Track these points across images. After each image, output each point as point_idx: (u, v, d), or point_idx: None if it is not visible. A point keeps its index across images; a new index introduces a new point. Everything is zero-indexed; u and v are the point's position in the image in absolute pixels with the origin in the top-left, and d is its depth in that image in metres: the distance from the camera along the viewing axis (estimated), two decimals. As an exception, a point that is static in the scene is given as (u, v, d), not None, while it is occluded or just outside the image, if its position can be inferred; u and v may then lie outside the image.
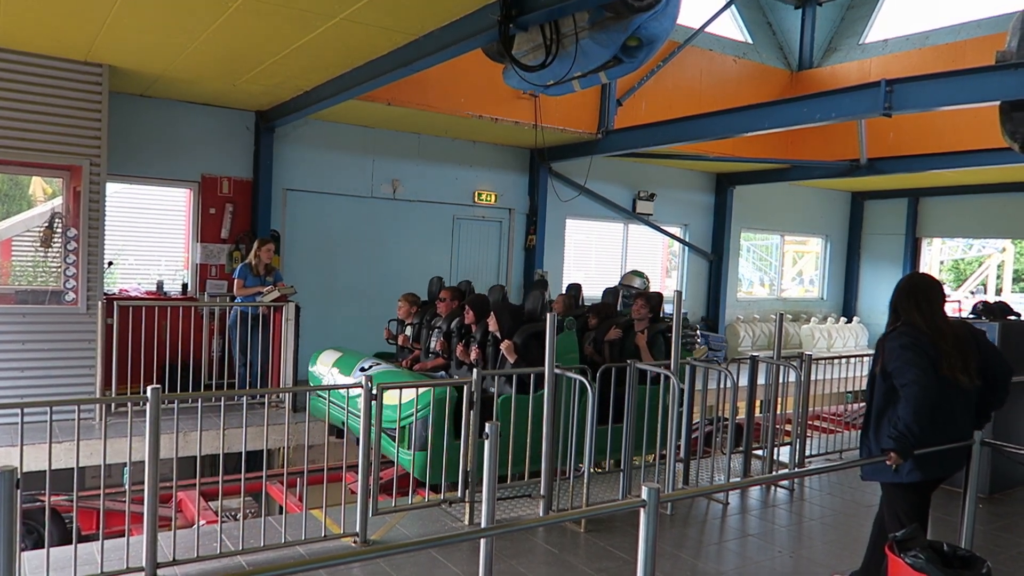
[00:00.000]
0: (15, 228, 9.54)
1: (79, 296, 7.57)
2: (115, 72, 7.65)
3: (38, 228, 8.28)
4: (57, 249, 7.85)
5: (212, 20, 6.02)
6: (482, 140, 11.49)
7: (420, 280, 11.16)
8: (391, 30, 6.06)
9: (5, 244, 9.56)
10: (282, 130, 9.80)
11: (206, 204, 9.55)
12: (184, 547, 4.47)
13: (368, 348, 8.24)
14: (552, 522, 5.30)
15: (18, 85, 7.18)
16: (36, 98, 7.26)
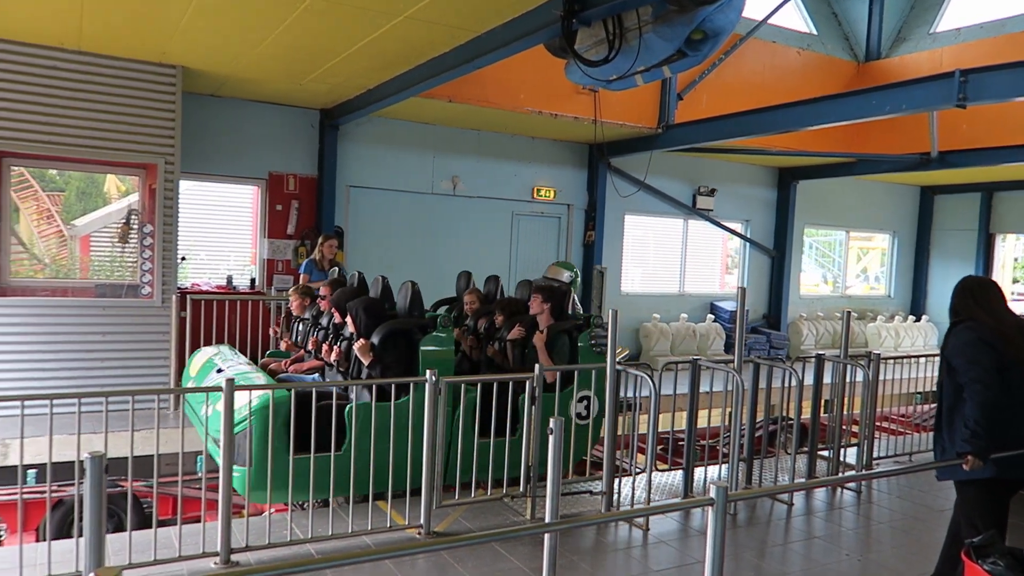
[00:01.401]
0: (94, 224, 9.96)
1: (154, 290, 7.87)
2: (187, 73, 7.91)
3: (115, 224, 8.63)
4: (134, 245, 8.17)
5: (280, 21, 6.17)
6: (541, 136, 11.50)
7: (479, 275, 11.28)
8: (453, 27, 6.12)
9: (84, 240, 9.98)
10: (345, 128, 9.99)
11: (273, 201, 9.81)
12: (256, 534, 4.62)
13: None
14: (615, 519, 5.29)
15: (98, 87, 7.49)
16: (114, 99, 7.56)
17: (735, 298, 13.44)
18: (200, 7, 5.85)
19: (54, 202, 10.11)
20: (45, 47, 7.23)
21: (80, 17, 6.29)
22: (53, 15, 6.30)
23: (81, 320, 7.62)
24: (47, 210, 10.02)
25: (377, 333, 5.52)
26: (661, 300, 13.10)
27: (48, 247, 9.57)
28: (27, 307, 7.49)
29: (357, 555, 2.73)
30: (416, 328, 5.68)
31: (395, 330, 5.58)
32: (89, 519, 2.82)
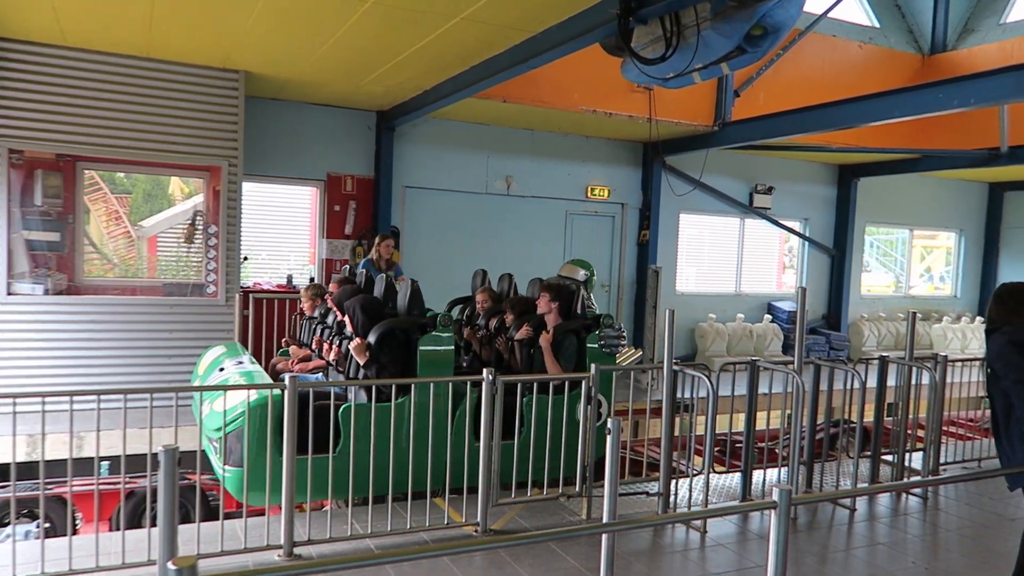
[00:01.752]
0: (160, 225, 10.29)
1: (219, 288, 8.10)
2: (250, 77, 8.12)
3: (181, 225, 8.91)
4: (199, 245, 8.43)
5: (339, 25, 6.29)
6: (595, 135, 11.46)
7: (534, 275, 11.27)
8: (509, 28, 6.15)
9: (152, 240, 10.32)
10: (401, 129, 10.12)
11: (331, 201, 10.00)
12: (318, 528, 4.72)
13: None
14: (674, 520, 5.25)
15: (165, 92, 7.75)
16: (181, 104, 7.81)
17: (793, 298, 13.31)
18: (264, 13, 6.00)
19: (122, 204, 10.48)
20: (116, 55, 7.51)
21: (149, 25, 6.51)
22: (124, 24, 6.54)
23: (150, 318, 7.90)
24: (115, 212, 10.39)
25: (374, 332, 5.43)
26: (717, 300, 12.93)
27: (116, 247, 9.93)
28: (99, 305, 7.79)
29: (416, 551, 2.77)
30: (416, 327, 5.55)
31: (392, 329, 5.47)
32: (162, 510, 2.93)
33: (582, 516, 5.33)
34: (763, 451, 6.51)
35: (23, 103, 7.27)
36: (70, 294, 7.83)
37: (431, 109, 8.78)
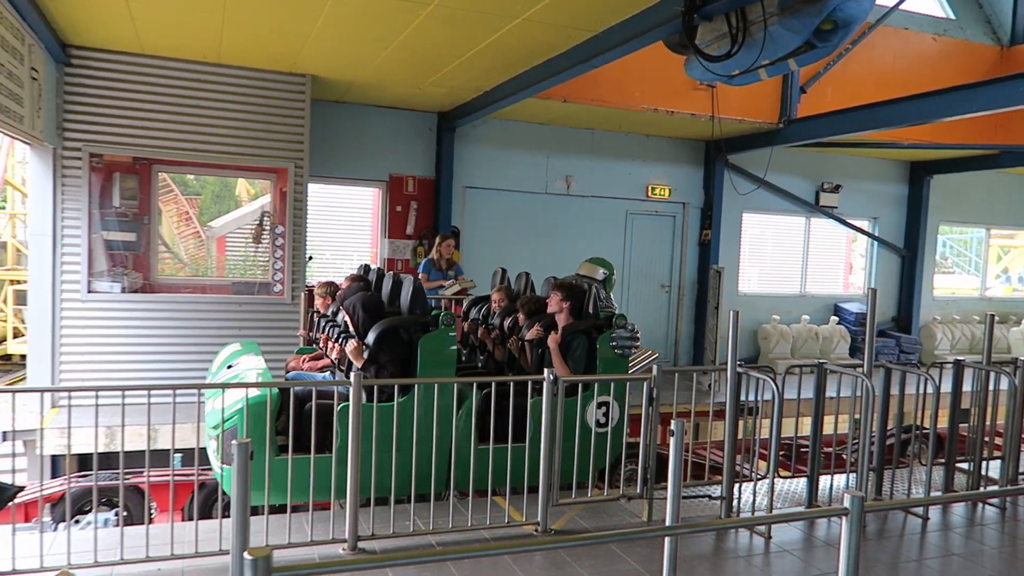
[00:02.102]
0: (229, 226, 10.60)
1: (285, 287, 8.31)
2: (316, 81, 8.31)
3: (249, 226, 9.17)
4: (266, 245, 8.66)
5: (403, 28, 6.38)
6: (656, 134, 11.35)
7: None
8: (570, 28, 6.14)
9: (220, 240, 10.64)
10: (462, 130, 10.20)
11: (393, 202, 10.15)
12: (381, 523, 4.80)
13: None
14: (739, 525, 5.16)
15: (235, 96, 7.99)
16: (249, 108, 8.04)
17: (861, 299, 12.92)
18: (330, 18, 6.13)
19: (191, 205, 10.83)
20: (189, 61, 7.77)
21: (221, 32, 6.72)
22: (197, 32, 6.76)
23: (220, 315, 8.16)
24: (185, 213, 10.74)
25: (373, 330, 5.33)
26: (781, 301, 12.65)
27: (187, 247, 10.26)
28: (172, 303, 8.08)
29: (479, 549, 2.79)
30: (418, 326, 5.42)
31: (391, 328, 5.35)
32: (235, 501, 3.01)
33: (643, 518, 5.28)
34: (829, 456, 6.35)
35: (103, 109, 7.59)
36: (145, 292, 8.14)
37: (492, 110, 8.83)
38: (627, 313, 11.60)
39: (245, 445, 3.06)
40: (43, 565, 4.01)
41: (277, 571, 2.03)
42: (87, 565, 4.08)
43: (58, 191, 7.51)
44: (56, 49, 6.95)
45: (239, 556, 2.78)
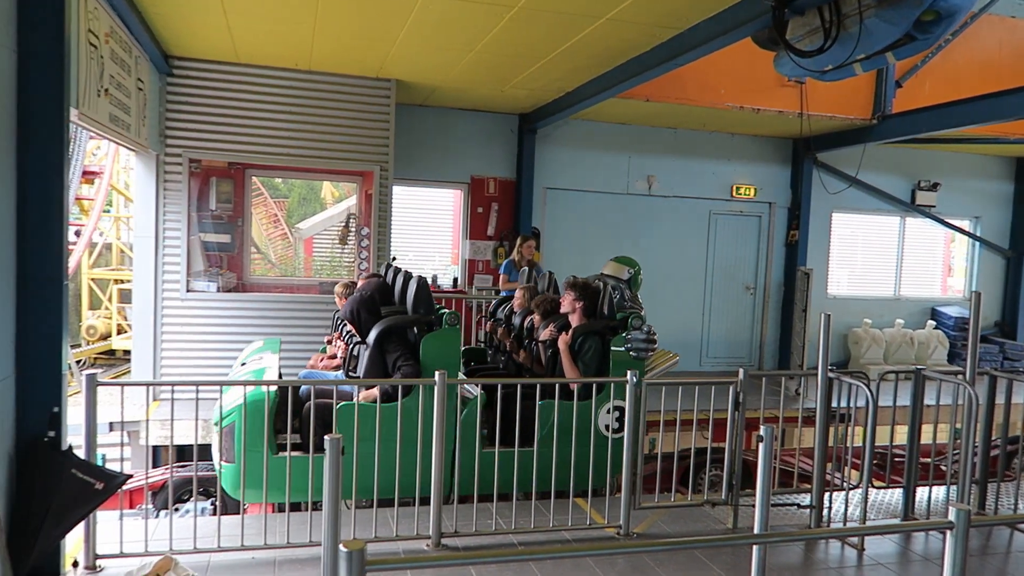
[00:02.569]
0: (316, 227, 10.91)
1: (369, 288, 8.49)
2: (400, 85, 8.47)
3: (335, 227, 9.42)
4: (351, 246, 8.89)
5: (486, 32, 6.43)
6: (741, 132, 11.09)
7: (675, 276, 11.10)
8: (655, 26, 6.06)
9: (308, 241, 10.96)
10: (543, 131, 10.22)
11: (474, 203, 10.26)
12: (464, 520, 4.86)
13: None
14: (830, 536, 4.99)
15: (324, 102, 8.22)
16: (338, 112, 8.26)
17: (960, 303, 12.29)
18: (416, 23, 6.24)
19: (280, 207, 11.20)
20: (281, 68, 8.05)
21: (311, 40, 6.94)
22: (290, 40, 7.00)
23: (308, 314, 8.41)
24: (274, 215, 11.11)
25: (374, 330, 5.25)
26: (873, 304, 12.15)
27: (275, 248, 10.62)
28: (264, 302, 8.38)
29: (561, 550, 2.79)
30: (423, 325, 5.35)
31: (392, 328, 5.25)
32: (327, 495, 3.10)
33: (727, 525, 5.17)
34: (926, 467, 6.07)
35: (201, 116, 7.94)
36: (238, 291, 8.47)
37: (573, 111, 8.81)
38: (709, 316, 11.46)
39: (336, 441, 3.14)
40: (147, 550, 4.23)
41: (371, 564, 2.08)
42: (187, 551, 4.28)
43: (160, 195, 7.91)
44: (160, 60, 7.31)
45: (332, 548, 2.86)
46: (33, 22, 3.62)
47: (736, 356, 11.58)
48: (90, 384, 4.03)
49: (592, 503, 5.17)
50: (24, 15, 3.60)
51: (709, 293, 11.43)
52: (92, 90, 5.07)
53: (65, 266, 3.85)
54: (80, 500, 3.75)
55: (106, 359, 13.94)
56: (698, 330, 11.44)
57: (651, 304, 11.06)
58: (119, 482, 3.84)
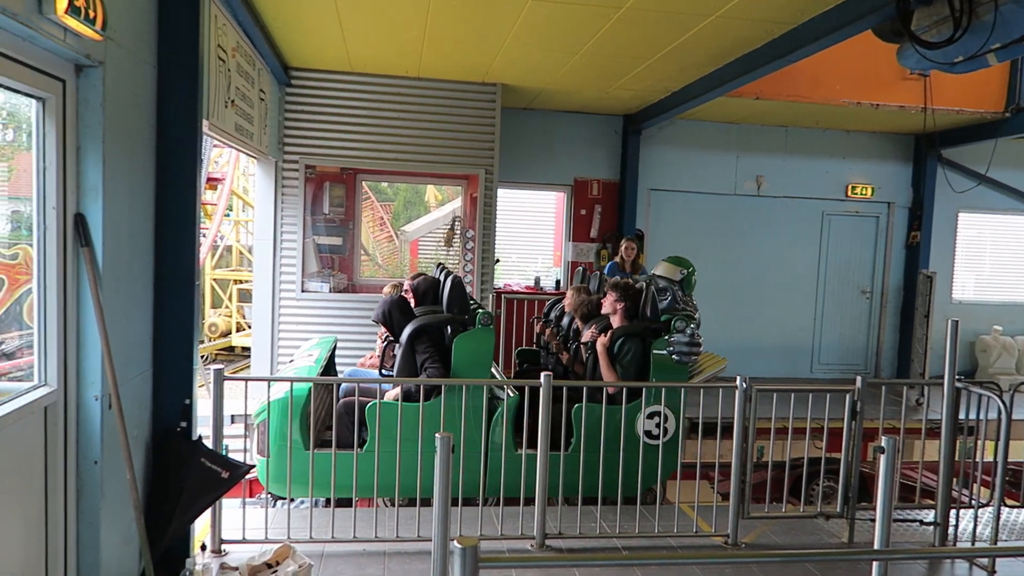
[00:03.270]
0: (421, 230, 11.18)
1: (474, 289, 8.64)
2: (506, 89, 8.57)
3: (440, 230, 9.63)
4: (456, 248, 9.05)
5: (593, 33, 6.42)
6: (858, 129, 10.61)
7: (785, 279, 10.74)
8: (768, 21, 5.88)
9: (413, 244, 11.24)
10: (648, 131, 10.10)
11: (577, 205, 10.25)
12: (568, 522, 4.86)
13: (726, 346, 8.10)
14: (958, 555, 4.70)
15: (432, 107, 8.42)
16: (445, 117, 8.44)
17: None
18: (522, 27, 6.30)
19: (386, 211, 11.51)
20: (391, 76, 8.30)
21: (421, 48, 7.12)
22: (400, 49, 7.21)
23: (414, 315, 8.62)
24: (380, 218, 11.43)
25: (407, 330, 5.27)
26: (1003, 310, 11.35)
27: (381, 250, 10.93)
28: (372, 303, 8.62)
29: (667, 556, 2.74)
30: (458, 324, 5.33)
31: (425, 327, 5.25)
32: (438, 492, 3.17)
33: (843, 539, 4.96)
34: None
35: (316, 123, 8.29)
36: (348, 292, 8.78)
37: (680, 111, 8.66)
38: (821, 320, 11.01)
39: (447, 439, 3.21)
40: (267, 537, 4.45)
41: (483, 560, 2.12)
42: (303, 540, 4.47)
43: (278, 200, 8.30)
44: (280, 72, 7.68)
45: (442, 543, 2.93)
46: (171, 39, 3.88)
47: (850, 363, 11.08)
48: (218, 378, 4.28)
49: (699, 511, 5.07)
50: (163, 33, 3.86)
51: (821, 297, 10.98)
52: (220, 102, 5.39)
53: (197, 268, 4.10)
54: (208, 488, 3.98)
55: (226, 355, 14.75)
56: (809, 335, 11.01)
57: (758, 308, 10.80)
58: (242, 472, 4.05)
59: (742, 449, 4.72)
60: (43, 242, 3.06)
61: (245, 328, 14.74)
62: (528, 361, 7.49)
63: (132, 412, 3.60)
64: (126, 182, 3.51)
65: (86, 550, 3.34)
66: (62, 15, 2.68)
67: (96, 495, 3.32)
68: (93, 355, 3.27)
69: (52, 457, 3.13)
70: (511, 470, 4.91)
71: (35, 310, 3.12)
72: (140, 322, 3.81)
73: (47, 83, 2.94)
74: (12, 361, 3.23)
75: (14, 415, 2.80)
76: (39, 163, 3.02)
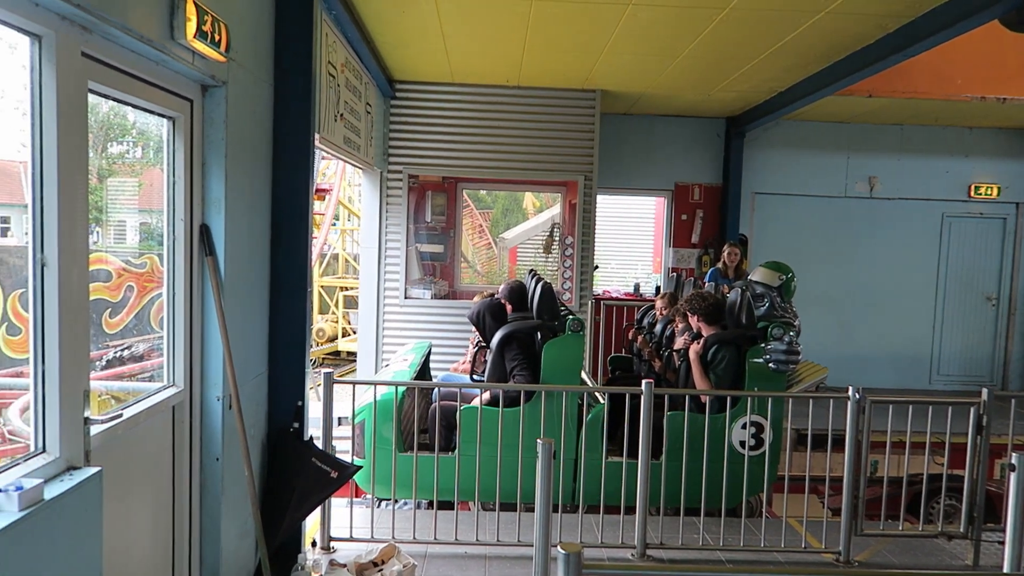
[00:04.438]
0: (520, 237, 11.26)
1: (573, 296, 8.64)
2: (605, 95, 8.55)
3: (538, 237, 9.68)
4: (555, 255, 9.08)
5: (695, 35, 6.31)
6: (981, 125, 9.98)
7: (901, 285, 10.21)
8: (883, 16, 5.63)
9: (512, 251, 11.33)
10: (752, 133, 9.83)
11: (678, 211, 10.08)
12: (669, 532, 4.78)
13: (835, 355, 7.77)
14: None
15: (532, 115, 8.49)
16: (544, 124, 8.50)
17: None
18: (623, 32, 6.27)
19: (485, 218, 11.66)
20: (491, 86, 8.42)
21: (521, 57, 7.20)
22: (501, 59, 7.31)
23: (513, 321, 8.70)
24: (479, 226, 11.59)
25: (496, 336, 5.33)
26: None
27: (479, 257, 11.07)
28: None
29: (775, 571, 2.65)
30: (546, 331, 5.33)
31: (513, 333, 5.30)
32: (540, 497, 3.19)
33: (966, 561, 4.66)
34: None
35: (419, 134, 8.51)
36: (449, 299, 8.95)
37: (786, 111, 8.39)
38: (940, 329, 10.41)
39: (549, 445, 3.23)
40: (373, 536, 4.60)
41: (587, 567, 2.12)
42: (407, 541, 4.59)
43: (383, 209, 8.57)
44: (385, 85, 7.94)
45: (544, 548, 2.94)
46: (286, 58, 4.09)
47: (973, 374, 10.40)
48: (328, 381, 4.46)
49: (807, 526, 4.88)
50: (279, 52, 4.07)
51: (941, 304, 10.37)
52: (330, 116, 5.62)
53: (309, 275, 4.29)
54: (318, 486, 4.14)
55: (332, 359, 15.30)
56: (927, 345, 10.42)
57: (871, 316, 10.32)
58: (350, 472, 4.20)
59: (854, 463, 4.52)
60: (172, 252, 3.28)
61: (350, 333, 15.25)
62: (620, 368, 7.46)
63: (250, 412, 3.80)
64: (245, 194, 3.72)
65: (208, 541, 3.55)
66: (191, 39, 2.87)
67: (217, 490, 3.52)
68: (215, 358, 3.47)
69: (179, 453, 3.34)
70: (596, 478, 4.96)
71: (164, 315, 3.34)
72: (257, 327, 4.01)
73: (177, 103, 3.16)
74: (140, 363, 3.46)
75: (146, 413, 3.01)
76: (169, 177, 3.24)
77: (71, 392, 2.38)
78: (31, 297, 2.31)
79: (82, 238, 2.43)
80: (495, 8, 5.78)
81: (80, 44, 2.38)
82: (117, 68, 2.66)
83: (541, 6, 5.68)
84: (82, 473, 2.35)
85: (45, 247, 2.27)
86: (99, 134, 3.04)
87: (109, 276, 3.18)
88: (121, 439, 2.80)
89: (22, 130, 2.25)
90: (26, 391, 2.44)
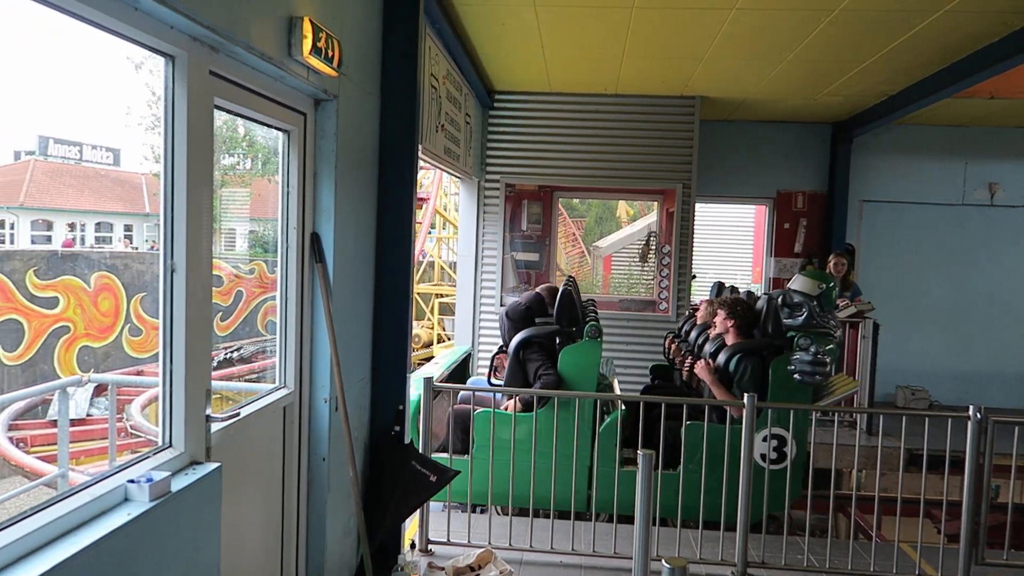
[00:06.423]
0: (615, 246, 11.19)
1: (670, 305, 8.51)
2: (705, 102, 8.39)
3: (634, 245, 9.58)
4: (651, 264, 8.96)
5: (800, 39, 6.12)
6: (1123, 125, 9.26)
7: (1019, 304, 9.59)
8: (1007, 12, 5.30)
9: (607, 259, 11.27)
10: (860, 139, 9.43)
11: (780, 219, 9.77)
12: (772, 551, 4.63)
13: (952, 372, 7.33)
14: None
15: (629, 123, 8.43)
16: (642, 132, 8.42)
17: None
18: (724, 38, 6.15)
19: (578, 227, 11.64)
20: (588, 94, 8.42)
21: (619, 65, 7.16)
22: (599, 67, 7.30)
23: (607, 330, 8.62)
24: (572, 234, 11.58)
25: (514, 341, 5.34)
26: None
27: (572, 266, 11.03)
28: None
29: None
30: (565, 336, 5.32)
31: (531, 337, 5.29)
32: (639, 509, 3.16)
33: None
34: None
35: (515, 143, 8.59)
36: (545, 306, 8.97)
37: (897, 115, 8.02)
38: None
39: (649, 456, 3.20)
40: (470, 541, 4.65)
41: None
42: (503, 547, 4.62)
43: (480, 218, 8.69)
44: (484, 96, 8.06)
45: (643, 561, 2.90)
46: (392, 72, 4.21)
47: (1109, 396, 9.62)
48: (427, 386, 4.55)
49: (921, 551, 4.62)
50: (385, 66, 4.21)
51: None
52: (432, 126, 5.75)
53: (411, 283, 4.40)
54: (418, 490, 4.23)
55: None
56: (1058, 362, 9.71)
57: (993, 330, 9.73)
58: (449, 476, 4.26)
59: (975, 486, 4.25)
60: (285, 259, 3.43)
61: (445, 339, 15.51)
62: (660, 376, 7.38)
63: (354, 415, 3.92)
64: (353, 203, 3.85)
65: (314, 538, 3.68)
66: (307, 56, 3.01)
67: (323, 489, 3.65)
68: (323, 361, 3.60)
69: (289, 452, 3.48)
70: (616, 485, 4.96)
71: (276, 319, 3.49)
72: (362, 332, 4.14)
73: (293, 117, 3.30)
74: (248, 364, 3.63)
75: (260, 413, 3.16)
76: (283, 188, 3.40)
77: (195, 390, 2.52)
78: (161, 300, 2.46)
79: (206, 245, 2.58)
80: (595, 17, 5.78)
81: (208, 63, 2.53)
82: (239, 84, 2.81)
83: (641, 14, 5.64)
84: (204, 468, 2.48)
85: (175, 253, 2.42)
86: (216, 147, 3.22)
87: (221, 281, 3.36)
88: (237, 437, 2.95)
89: (144, 144, 2.41)
90: (145, 388, 2.61)
